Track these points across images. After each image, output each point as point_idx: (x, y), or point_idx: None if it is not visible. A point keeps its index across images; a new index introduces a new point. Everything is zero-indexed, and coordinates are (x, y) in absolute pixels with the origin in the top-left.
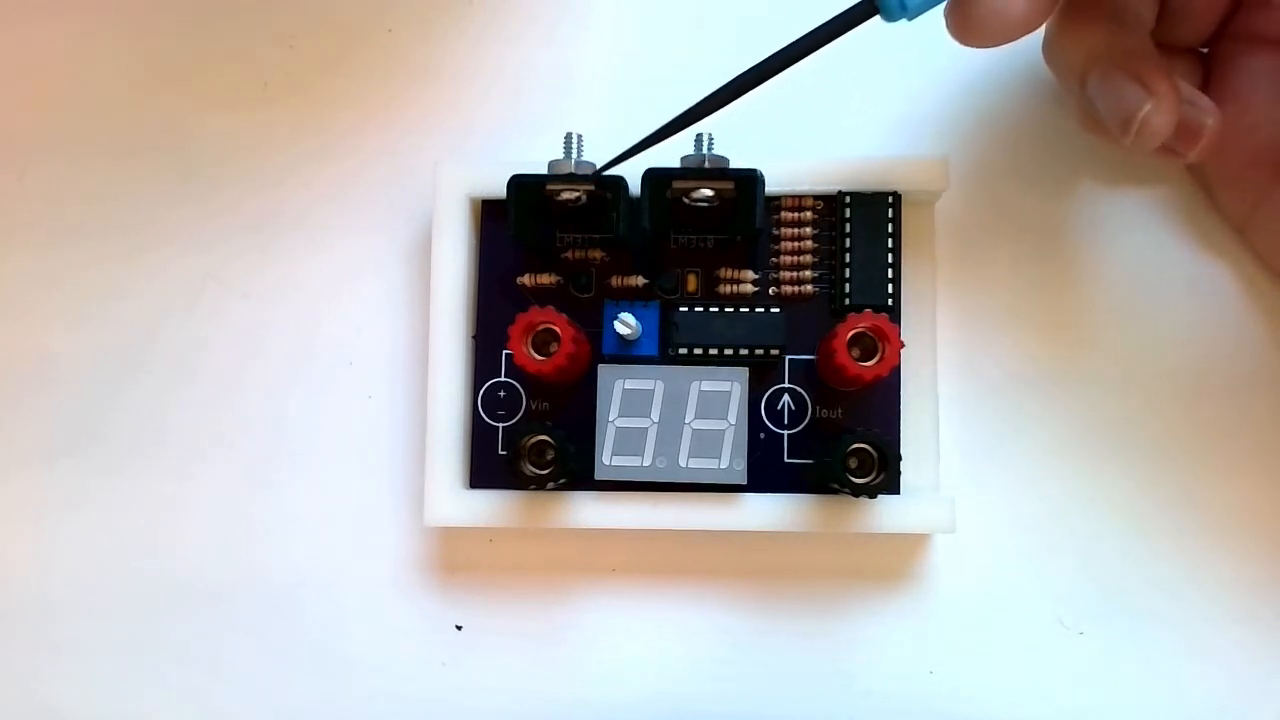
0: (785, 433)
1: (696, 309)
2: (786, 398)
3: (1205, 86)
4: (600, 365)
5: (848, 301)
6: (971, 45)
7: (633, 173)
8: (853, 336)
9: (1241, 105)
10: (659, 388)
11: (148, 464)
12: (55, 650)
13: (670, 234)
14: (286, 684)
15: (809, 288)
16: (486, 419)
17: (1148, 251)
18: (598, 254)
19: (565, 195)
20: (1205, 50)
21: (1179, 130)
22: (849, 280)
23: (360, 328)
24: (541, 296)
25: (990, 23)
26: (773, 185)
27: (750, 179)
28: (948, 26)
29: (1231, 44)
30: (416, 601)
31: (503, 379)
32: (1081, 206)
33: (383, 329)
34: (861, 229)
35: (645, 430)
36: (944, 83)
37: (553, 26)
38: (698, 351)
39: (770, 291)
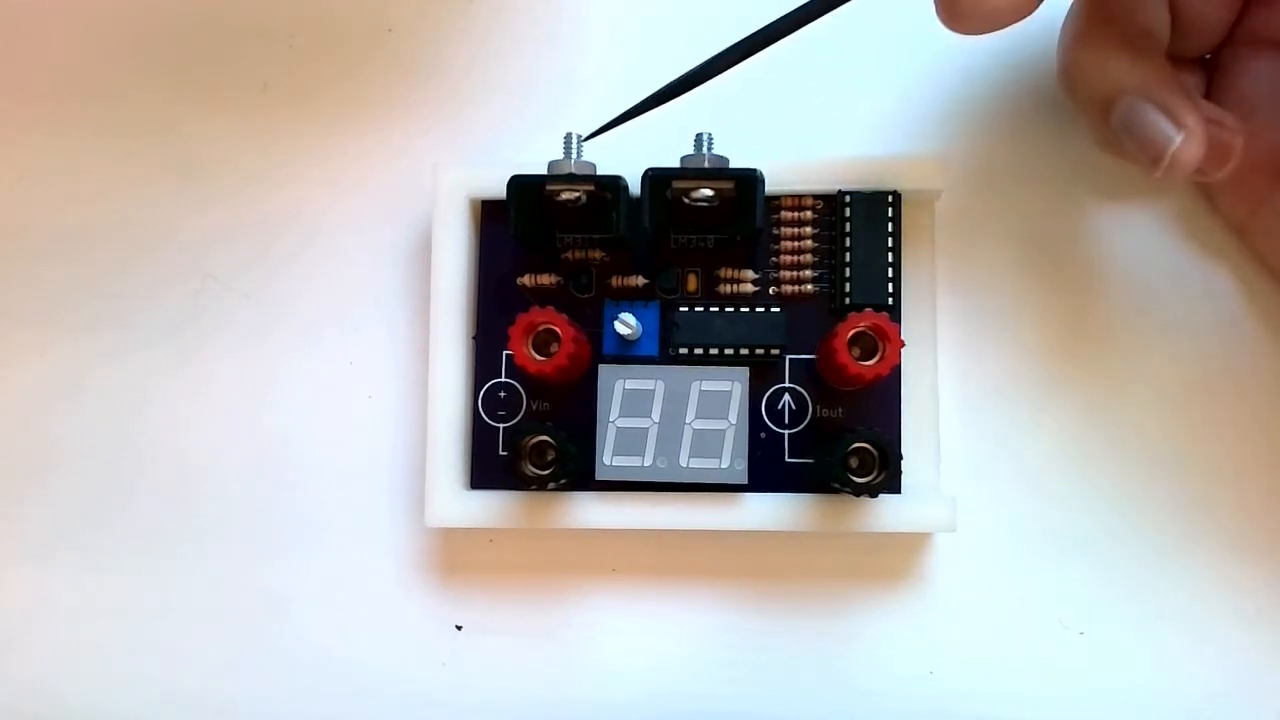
0: (786, 432)
1: (697, 309)
2: (787, 397)
3: (1208, 93)
4: (601, 365)
5: (848, 301)
6: (959, 32)
7: (632, 172)
8: (853, 336)
9: (1244, 110)
10: (659, 388)
11: (144, 463)
12: (55, 648)
13: (670, 234)
14: (286, 683)
15: (809, 287)
16: (487, 419)
17: (1148, 251)
18: (598, 254)
19: (565, 195)
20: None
21: (1208, 153)
22: (849, 279)
23: (360, 328)
24: (541, 297)
25: (979, 8)
26: (773, 185)
27: (750, 179)
28: (936, 11)
29: (1235, 48)
30: (417, 601)
31: (503, 379)
32: (1082, 205)
33: (383, 329)
34: (861, 228)
35: (646, 430)
36: (943, 82)
37: (552, 26)
38: (698, 351)
39: (770, 291)
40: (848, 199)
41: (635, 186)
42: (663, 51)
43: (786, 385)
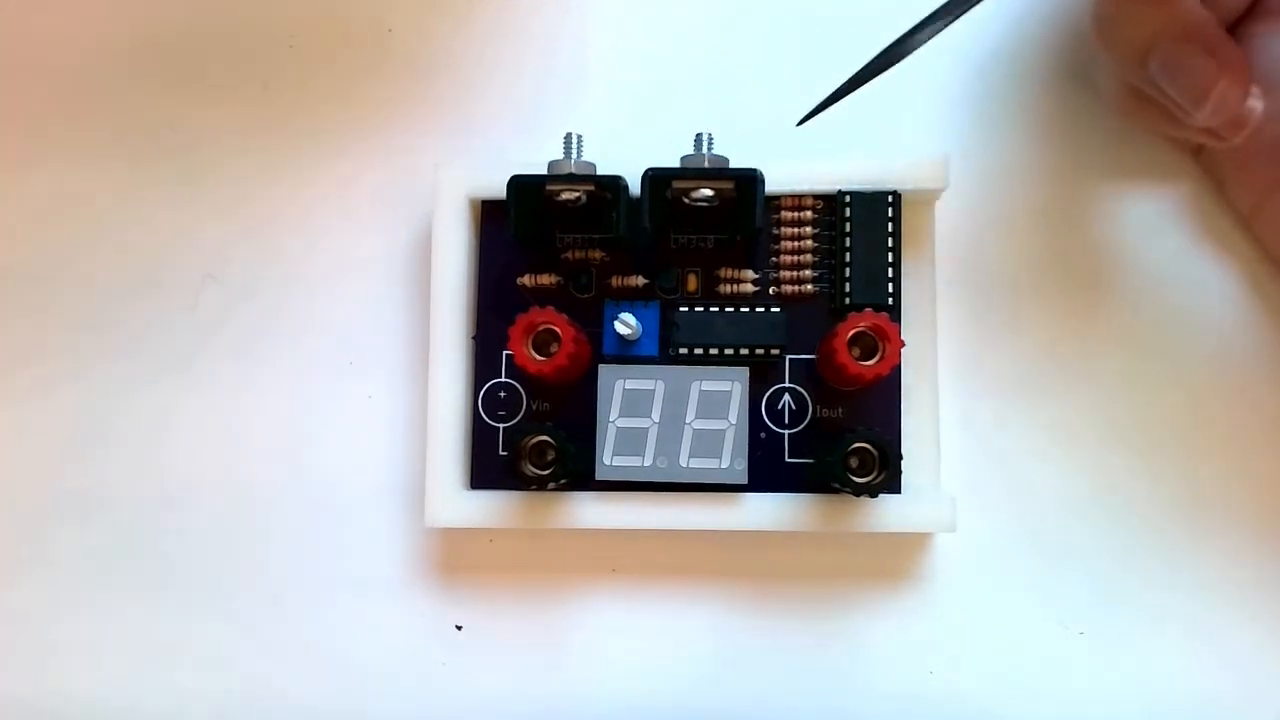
0: (786, 432)
1: (697, 309)
2: (787, 397)
3: None
4: (601, 365)
5: (848, 301)
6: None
7: (632, 172)
8: (853, 336)
9: (1260, 89)
10: (659, 388)
11: (146, 463)
12: (52, 648)
13: (670, 234)
14: (286, 683)
15: (809, 287)
16: (487, 419)
17: (1150, 248)
18: (598, 254)
19: (565, 195)
20: None
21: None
22: (849, 279)
23: (360, 328)
24: (541, 297)
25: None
26: (772, 185)
27: (750, 178)
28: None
29: (1253, 24)
30: (417, 602)
31: (503, 379)
32: (1082, 205)
33: (383, 329)
34: (861, 228)
35: (646, 430)
36: (943, 82)
37: (552, 26)
38: (698, 351)
39: (770, 291)
40: (848, 199)
41: (635, 186)
42: (663, 51)
43: (786, 385)
